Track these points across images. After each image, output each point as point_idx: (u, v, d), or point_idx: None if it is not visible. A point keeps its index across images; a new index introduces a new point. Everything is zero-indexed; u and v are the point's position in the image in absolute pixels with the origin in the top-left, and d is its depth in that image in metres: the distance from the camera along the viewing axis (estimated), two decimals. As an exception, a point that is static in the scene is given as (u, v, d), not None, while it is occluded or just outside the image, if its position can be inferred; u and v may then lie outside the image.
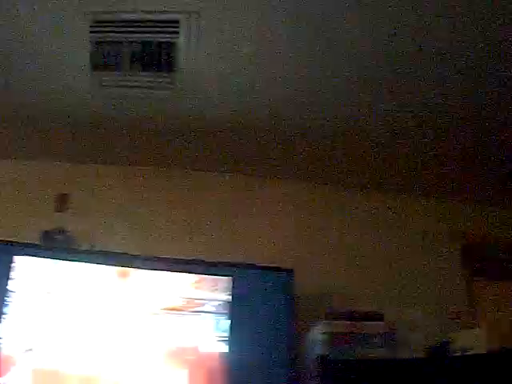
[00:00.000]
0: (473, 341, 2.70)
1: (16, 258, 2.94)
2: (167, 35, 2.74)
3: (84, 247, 3.25)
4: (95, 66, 2.91)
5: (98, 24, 2.69)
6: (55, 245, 3.28)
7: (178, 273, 3.04)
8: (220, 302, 2.98)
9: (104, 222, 3.42)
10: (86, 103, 3.17)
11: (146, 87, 3.04)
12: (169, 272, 3.03)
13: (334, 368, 2.61)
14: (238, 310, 2.96)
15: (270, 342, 2.92)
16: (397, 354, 2.76)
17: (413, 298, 3.31)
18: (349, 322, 2.85)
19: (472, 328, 2.89)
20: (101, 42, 2.78)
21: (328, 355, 2.72)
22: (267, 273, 3.08)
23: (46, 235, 3.31)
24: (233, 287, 3.00)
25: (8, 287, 2.86)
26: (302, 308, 3.02)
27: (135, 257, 3.05)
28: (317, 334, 2.88)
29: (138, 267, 3.02)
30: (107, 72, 2.95)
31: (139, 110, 3.22)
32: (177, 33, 2.72)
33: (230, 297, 2.98)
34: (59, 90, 3.09)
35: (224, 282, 3.01)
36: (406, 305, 3.17)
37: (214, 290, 3.00)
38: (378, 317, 2.89)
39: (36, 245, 3.18)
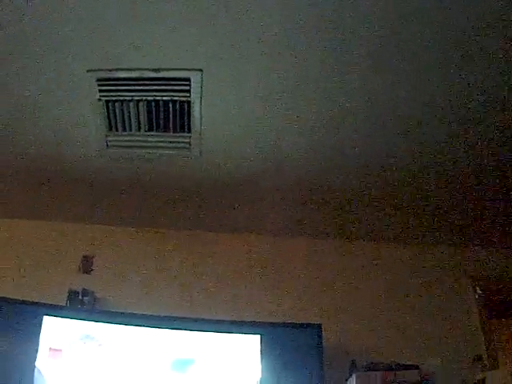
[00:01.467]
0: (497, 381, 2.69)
1: (45, 319, 2.93)
2: (179, 94, 2.74)
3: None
4: (106, 126, 2.93)
5: (106, 83, 2.70)
6: (81, 305, 3.27)
7: (207, 332, 3.00)
8: (250, 361, 2.94)
9: (127, 283, 3.44)
10: (98, 164, 3.18)
11: (161, 147, 3.03)
12: (198, 332, 3.00)
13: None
14: (267, 367, 2.91)
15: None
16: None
17: (435, 345, 3.28)
18: (382, 372, 2.78)
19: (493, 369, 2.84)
20: (110, 101, 2.79)
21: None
22: (295, 329, 3.04)
23: (72, 296, 3.30)
24: (261, 345, 2.96)
25: (38, 347, 2.85)
26: (330, 362, 2.99)
27: (163, 317, 3.03)
28: (351, 385, 2.81)
29: (168, 327, 2.99)
30: (115, 132, 2.97)
31: (155, 170, 3.22)
32: (188, 91, 2.72)
33: (259, 354, 2.94)
34: (71, 153, 3.12)
35: (253, 340, 2.98)
36: (429, 353, 3.10)
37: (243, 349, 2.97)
38: (410, 366, 2.81)
39: (64, 306, 3.21)
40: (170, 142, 2.99)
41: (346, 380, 2.91)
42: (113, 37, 2.51)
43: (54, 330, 2.93)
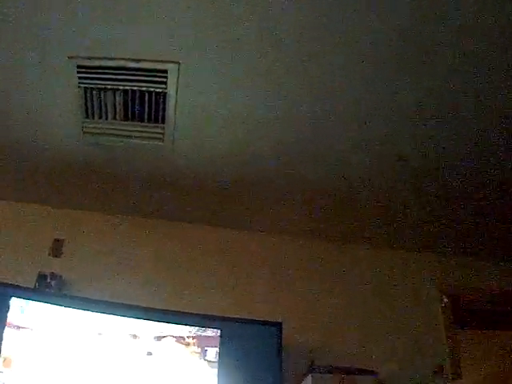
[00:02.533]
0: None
1: (12, 300, 2.95)
2: (155, 85, 2.76)
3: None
4: (82, 113, 2.94)
5: (86, 70, 2.72)
6: (49, 289, 3.27)
7: (168, 324, 3.02)
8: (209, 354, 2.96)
9: (96, 269, 3.44)
10: (73, 150, 3.19)
11: (135, 137, 3.05)
12: (158, 322, 3.01)
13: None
14: (226, 362, 2.92)
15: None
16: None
17: (396, 351, 3.29)
18: (339, 376, 2.79)
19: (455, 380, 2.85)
20: (88, 88, 2.80)
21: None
22: (256, 326, 3.04)
23: (41, 279, 3.31)
24: (221, 339, 2.97)
25: (4, 329, 2.86)
26: (288, 361, 3.00)
27: (124, 305, 3.04)
28: (307, 387, 2.82)
29: (129, 316, 3.00)
30: (94, 119, 2.98)
31: (129, 159, 3.23)
32: (165, 83, 2.74)
33: (218, 349, 2.95)
34: (46, 137, 3.13)
35: (213, 334, 3.00)
36: (388, 359, 3.11)
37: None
38: (367, 372, 2.83)
39: (32, 289, 3.22)
40: (144, 131, 3.01)
41: (302, 380, 2.92)
42: (94, 25, 2.52)
43: (22, 311, 2.93)
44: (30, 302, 2.99)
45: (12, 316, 2.91)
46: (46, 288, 3.28)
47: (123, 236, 3.59)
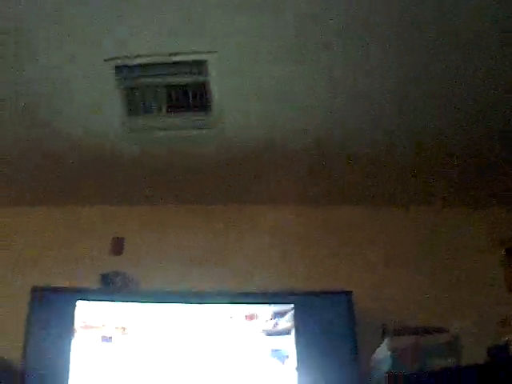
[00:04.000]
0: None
1: (78, 303, 3.03)
2: (196, 76, 2.78)
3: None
4: (127, 111, 2.98)
5: (124, 70, 2.76)
6: (114, 287, 3.31)
7: (240, 305, 3.07)
8: (284, 329, 3.01)
9: (158, 261, 3.48)
10: (120, 148, 3.24)
11: (181, 127, 3.08)
12: (231, 305, 3.06)
13: (404, 382, 2.60)
14: (302, 335, 2.98)
15: (336, 365, 2.93)
16: (461, 361, 2.72)
17: (462, 308, 3.28)
18: (414, 336, 2.82)
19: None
20: (128, 87, 2.85)
21: (397, 371, 2.69)
22: (326, 297, 3.09)
23: (105, 279, 3.36)
24: (295, 314, 3.02)
25: (72, 332, 2.95)
26: (362, 328, 3.04)
27: (195, 293, 3.11)
28: (383, 351, 2.85)
29: (199, 303, 3.07)
30: (138, 116, 3.02)
31: (177, 150, 3.26)
32: (205, 73, 2.76)
33: (293, 323, 3.01)
34: (93, 139, 3.18)
35: (286, 309, 3.04)
36: (456, 316, 3.13)
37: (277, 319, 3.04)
38: (440, 329, 2.85)
39: (97, 289, 3.27)
40: (190, 121, 3.03)
41: (379, 345, 2.96)
42: (127, 25, 2.55)
43: (90, 313, 3.02)
44: (98, 302, 3.07)
45: (82, 319, 2.99)
46: (112, 286, 3.31)
47: (181, 225, 3.61)
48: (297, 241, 3.57)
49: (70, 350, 2.90)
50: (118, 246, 3.55)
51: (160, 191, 3.58)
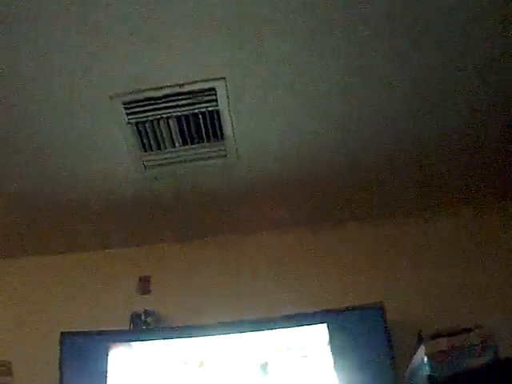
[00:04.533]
0: None
1: (111, 346, 3.06)
2: (206, 104, 2.81)
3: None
4: (139, 148, 3.00)
5: (132, 105, 2.78)
6: (146, 326, 3.33)
7: (273, 330, 3.08)
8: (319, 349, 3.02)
9: (186, 297, 3.51)
10: (138, 186, 3.26)
11: (198, 159, 3.10)
12: (264, 331, 3.08)
13: None
14: (337, 354, 2.98)
15: (375, 377, 2.92)
16: (498, 357, 2.69)
17: (495, 306, 3.27)
18: (449, 338, 2.81)
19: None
20: (139, 122, 2.86)
21: (436, 374, 2.68)
22: (358, 311, 3.09)
23: (136, 318, 3.37)
24: (329, 332, 3.04)
25: (106, 376, 2.98)
26: (397, 338, 3.07)
27: (225, 324, 3.12)
28: (420, 357, 2.84)
29: (231, 333, 3.08)
30: (150, 152, 3.04)
31: (196, 182, 3.28)
32: (215, 101, 2.78)
33: (328, 342, 3.02)
34: (110, 180, 3.21)
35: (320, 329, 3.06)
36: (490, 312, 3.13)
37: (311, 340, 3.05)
38: (474, 328, 2.84)
39: (128, 330, 3.31)
40: (206, 151, 3.05)
41: (415, 353, 2.95)
42: (131, 59, 2.56)
43: (125, 356, 3.04)
44: (131, 343, 3.10)
45: (115, 362, 3.01)
46: (143, 326, 3.33)
47: (204, 259, 3.64)
48: (318, 260, 3.59)
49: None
50: (145, 285, 3.58)
51: (181, 227, 3.61)
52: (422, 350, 2.84)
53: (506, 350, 2.65)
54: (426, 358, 2.76)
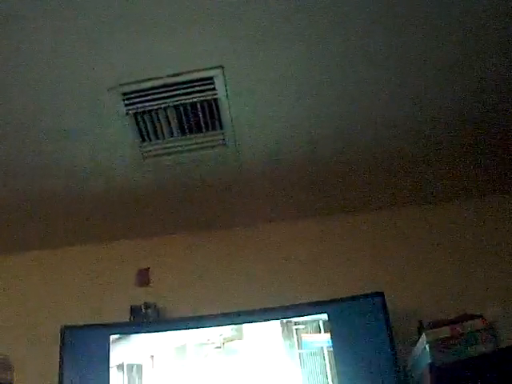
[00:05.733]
0: None
1: (112, 338, 3.05)
2: (205, 93, 2.79)
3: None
4: (138, 138, 3.00)
5: (131, 96, 2.77)
6: (146, 319, 3.33)
7: (274, 320, 3.07)
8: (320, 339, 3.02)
9: (186, 289, 3.51)
10: (137, 177, 3.25)
11: (197, 149, 3.09)
12: (265, 322, 3.07)
13: (445, 372, 2.60)
14: (339, 341, 2.99)
15: (376, 366, 2.92)
16: (499, 346, 2.69)
17: (496, 295, 3.28)
18: (450, 326, 2.80)
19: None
20: (138, 113, 2.85)
21: (437, 362, 2.67)
22: (359, 301, 3.08)
23: (136, 311, 3.37)
24: (329, 322, 3.03)
25: (108, 367, 2.98)
26: (398, 328, 3.05)
27: (225, 315, 3.11)
28: (421, 346, 2.84)
29: (231, 324, 3.07)
30: (149, 142, 3.03)
31: (195, 172, 3.27)
32: (213, 89, 2.77)
33: (329, 332, 3.02)
34: (109, 172, 3.20)
35: (321, 318, 3.06)
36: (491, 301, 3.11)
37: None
38: (475, 316, 2.84)
39: (128, 322, 3.30)
40: (205, 141, 3.04)
41: (416, 341, 2.94)
42: (129, 50, 2.55)
43: (126, 348, 3.04)
44: (132, 335, 3.10)
45: (117, 353, 3.01)
46: (143, 318, 3.32)
47: (204, 250, 3.63)
48: (318, 251, 3.59)
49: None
50: (144, 278, 3.57)
51: (181, 217, 3.60)
52: (423, 339, 2.84)
53: (508, 339, 2.64)
54: (427, 347, 2.76)
